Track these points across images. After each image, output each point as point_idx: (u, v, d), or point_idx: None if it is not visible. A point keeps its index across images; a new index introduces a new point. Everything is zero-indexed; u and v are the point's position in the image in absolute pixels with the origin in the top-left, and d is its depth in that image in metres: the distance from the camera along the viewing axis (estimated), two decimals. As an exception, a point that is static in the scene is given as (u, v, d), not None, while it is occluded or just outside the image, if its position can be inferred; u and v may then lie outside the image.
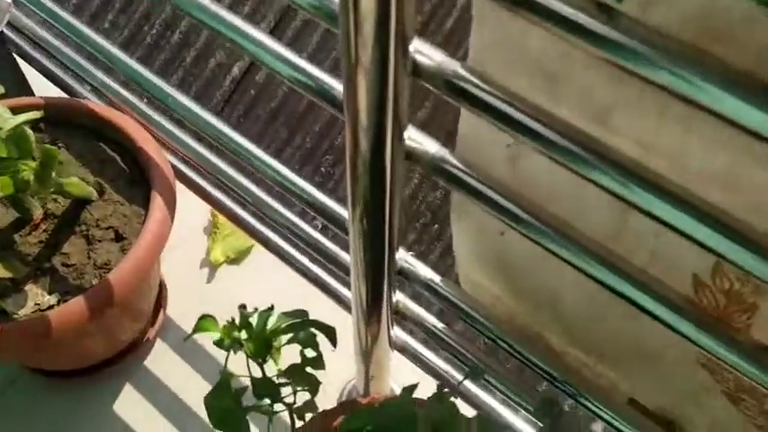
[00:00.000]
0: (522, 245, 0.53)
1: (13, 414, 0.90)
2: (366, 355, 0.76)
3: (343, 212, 0.70)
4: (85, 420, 0.90)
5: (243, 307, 0.58)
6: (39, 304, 0.72)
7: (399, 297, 0.71)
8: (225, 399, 0.54)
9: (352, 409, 0.72)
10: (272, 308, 0.58)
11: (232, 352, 0.60)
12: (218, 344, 0.59)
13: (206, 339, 0.96)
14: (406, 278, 0.65)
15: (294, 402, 0.61)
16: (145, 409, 0.91)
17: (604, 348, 0.55)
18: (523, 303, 0.59)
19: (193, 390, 0.92)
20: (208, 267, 1.02)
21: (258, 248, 1.02)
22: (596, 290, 0.44)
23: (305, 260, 0.87)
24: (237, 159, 0.74)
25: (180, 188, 0.85)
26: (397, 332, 0.77)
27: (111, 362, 0.91)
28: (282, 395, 0.60)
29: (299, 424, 0.61)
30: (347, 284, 0.82)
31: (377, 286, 0.65)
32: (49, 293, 0.73)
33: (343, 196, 0.54)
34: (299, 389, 0.60)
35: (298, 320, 0.57)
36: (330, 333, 0.57)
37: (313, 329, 0.56)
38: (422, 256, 0.73)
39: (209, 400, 0.55)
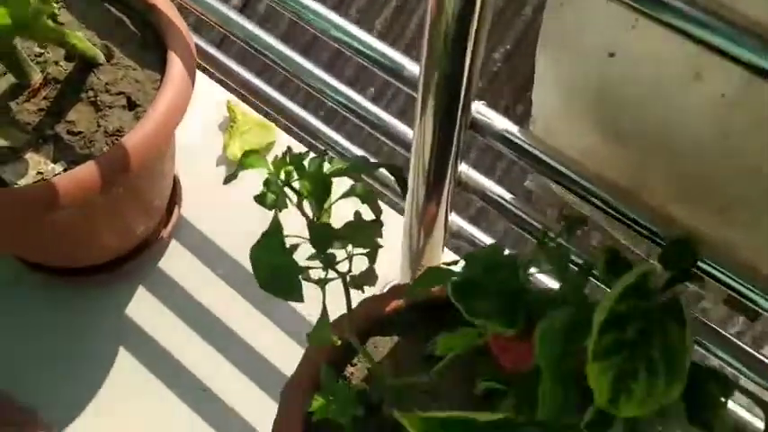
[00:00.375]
0: (637, 68, 0.44)
1: (17, 316, 0.81)
2: (419, 237, 0.66)
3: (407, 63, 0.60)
4: (96, 323, 0.81)
5: (288, 149, 0.48)
6: (42, 173, 0.63)
7: (462, 167, 0.62)
8: (276, 252, 0.45)
9: (405, 294, 0.63)
10: (325, 152, 0.49)
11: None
12: (261, 199, 0.50)
13: (223, 238, 0.87)
14: (478, 132, 0.55)
15: (349, 270, 0.52)
16: (159, 311, 0.82)
17: (730, 196, 0.46)
18: (624, 149, 0.50)
19: (210, 292, 0.83)
20: (225, 165, 0.93)
21: (279, 144, 0.93)
22: (738, 112, 0.35)
23: (344, 143, 0.77)
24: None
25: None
26: (453, 217, 0.68)
27: (123, 261, 0.82)
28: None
29: (354, 296, 0.52)
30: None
31: (444, 144, 0.56)
32: (54, 162, 0.63)
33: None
34: (355, 253, 0.51)
35: (360, 162, 0.48)
36: (398, 173, 0.48)
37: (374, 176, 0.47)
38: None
39: (256, 253, 0.45)
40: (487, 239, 0.69)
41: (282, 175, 0.45)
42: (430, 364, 0.60)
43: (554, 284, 0.64)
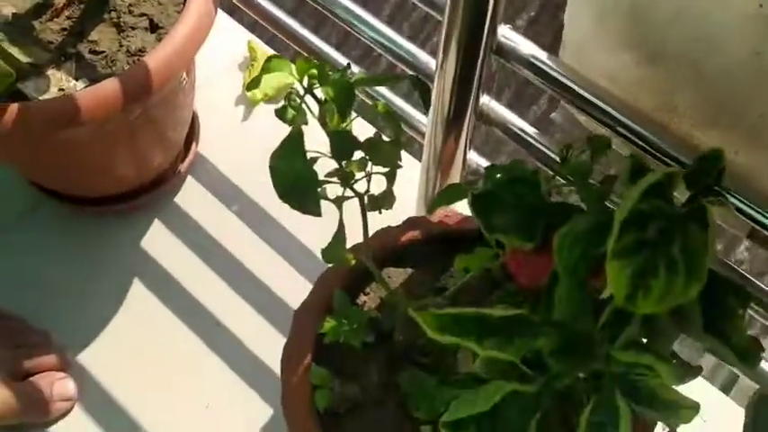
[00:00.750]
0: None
1: (33, 244, 0.81)
2: (437, 172, 0.66)
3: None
4: (111, 254, 0.81)
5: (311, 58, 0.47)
6: (63, 89, 0.63)
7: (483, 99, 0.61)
8: (296, 160, 0.45)
9: (420, 226, 0.63)
10: (348, 65, 0.48)
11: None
12: (281, 114, 0.49)
13: (238, 177, 0.87)
14: (503, 57, 0.55)
15: (367, 190, 0.52)
16: (173, 244, 0.82)
17: (761, 119, 0.45)
18: (654, 72, 0.49)
19: (223, 228, 0.84)
20: (244, 105, 0.92)
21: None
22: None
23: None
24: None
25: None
26: (471, 154, 0.68)
27: (140, 194, 0.82)
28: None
29: (371, 218, 0.52)
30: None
31: (468, 68, 0.55)
32: (76, 79, 0.63)
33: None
34: (374, 172, 0.51)
35: (385, 75, 0.47)
36: (423, 86, 0.47)
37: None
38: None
39: (276, 162, 0.45)
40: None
41: (305, 81, 0.44)
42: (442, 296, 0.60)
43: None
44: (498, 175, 0.42)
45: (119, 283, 0.80)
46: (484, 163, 0.68)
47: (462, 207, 0.74)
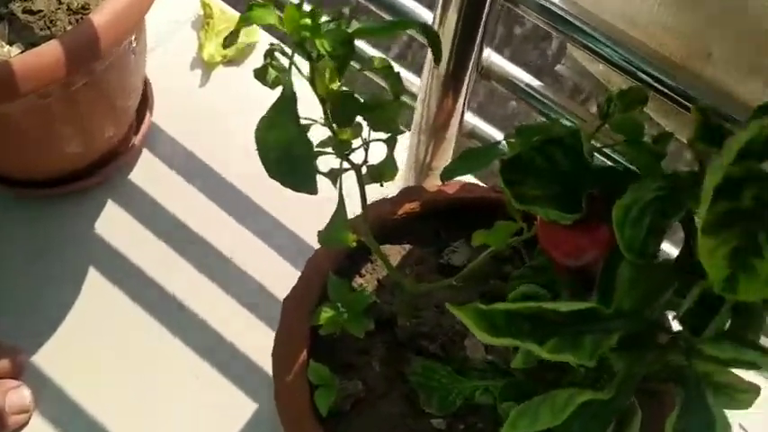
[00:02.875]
0: None
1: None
2: (430, 133, 0.59)
3: None
4: (63, 241, 0.73)
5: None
6: (-6, 55, 0.53)
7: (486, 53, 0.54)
8: (288, 129, 0.38)
9: (417, 196, 0.57)
10: (342, 13, 0.41)
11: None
12: (260, 75, 0.42)
13: (200, 148, 0.79)
14: (510, 1, 0.48)
15: (365, 160, 0.45)
16: (132, 226, 0.74)
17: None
18: (687, 12, 0.43)
19: (186, 205, 0.75)
20: (200, 68, 0.84)
21: (262, 44, 0.84)
22: None
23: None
24: None
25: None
26: (468, 117, 0.61)
27: (91, 172, 0.73)
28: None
29: (369, 190, 0.45)
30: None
31: (470, 21, 0.48)
32: (9, 44, 0.54)
33: None
34: (372, 138, 0.44)
35: (389, 23, 0.40)
36: (432, 34, 0.40)
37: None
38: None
39: (263, 132, 0.38)
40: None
41: (297, 34, 0.37)
42: (445, 274, 0.54)
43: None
44: (532, 137, 0.36)
45: (73, 272, 0.72)
46: (480, 125, 0.62)
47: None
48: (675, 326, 0.34)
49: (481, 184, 0.63)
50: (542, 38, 1.42)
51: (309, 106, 0.41)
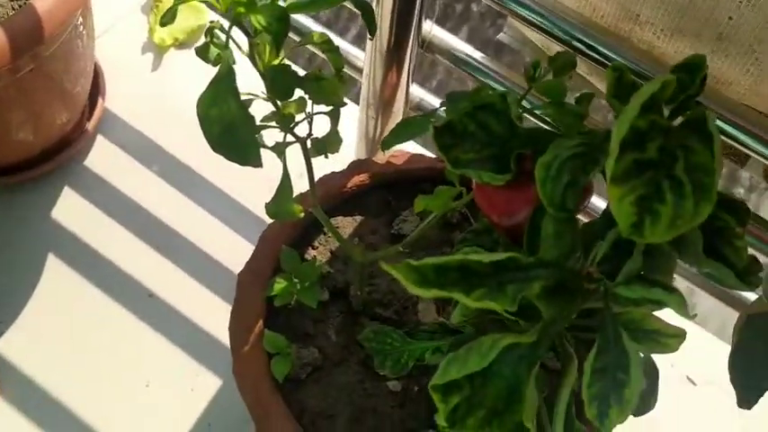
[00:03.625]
0: None
1: None
2: (378, 108, 0.61)
3: None
4: (20, 230, 0.73)
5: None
6: (-64, 43, 0.53)
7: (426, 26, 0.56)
8: (228, 103, 0.39)
9: (366, 168, 0.58)
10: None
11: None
12: (202, 53, 0.42)
13: (156, 132, 0.79)
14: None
15: (310, 133, 0.46)
16: (89, 212, 0.75)
17: (727, 25, 0.42)
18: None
19: (144, 190, 0.76)
20: (152, 52, 0.84)
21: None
22: None
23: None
24: None
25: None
26: (414, 89, 0.62)
27: (44, 160, 0.73)
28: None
29: (316, 164, 0.47)
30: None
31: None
32: (-51, 31, 0.54)
33: None
34: (316, 112, 0.45)
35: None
36: (366, 8, 0.41)
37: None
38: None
39: (204, 106, 0.39)
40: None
41: (231, 11, 0.38)
42: (397, 243, 0.56)
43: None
44: (462, 103, 0.37)
45: (31, 261, 0.72)
46: (427, 97, 0.63)
47: (408, 145, 0.70)
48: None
49: (429, 154, 0.65)
50: (499, 14, 1.44)
51: (253, 82, 0.42)
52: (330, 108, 0.45)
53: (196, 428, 0.66)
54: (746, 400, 0.38)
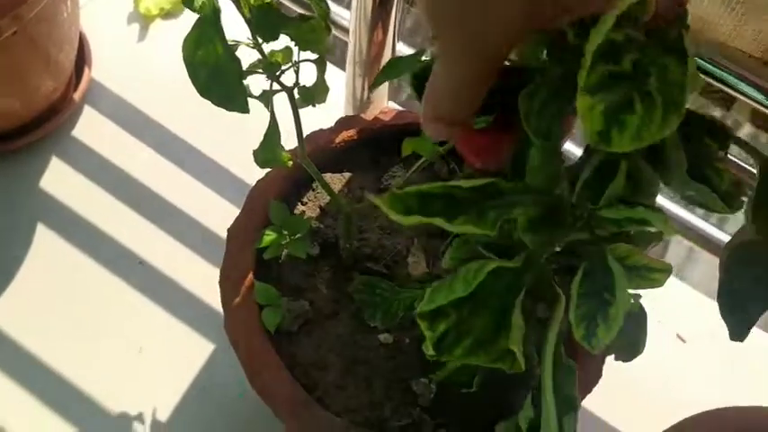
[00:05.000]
0: None
1: None
2: (364, 67, 0.61)
3: None
4: (7, 200, 0.73)
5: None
6: None
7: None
8: (214, 46, 0.39)
9: (354, 125, 0.58)
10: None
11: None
12: (188, 2, 0.42)
13: (144, 102, 0.79)
14: None
15: (297, 82, 0.46)
16: (78, 182, 0.74)
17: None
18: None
19: (133, 159, 0.76)
20: (138, 23, 0.83)
21: (199, -3, 0.83)
22: None
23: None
24: None
25: None
26: (401, 47, 0.62)
27: (31, 129, 0.73)
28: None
29: (303, 113, 0.47)
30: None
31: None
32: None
33: None
34: (301, 60, 0.45)
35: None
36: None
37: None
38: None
39: (190, 52, 0.39)
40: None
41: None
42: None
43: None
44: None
45: (20, 231, 0.72)
46: (413, 54, 0.63)
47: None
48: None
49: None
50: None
51: (241, 33, 0.42)
52: (316, 56, 0.45)
53: (190, 392, 0.66)
54: (738, 333, 0.39)
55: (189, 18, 0.80)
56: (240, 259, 0.52)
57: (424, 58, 0.42)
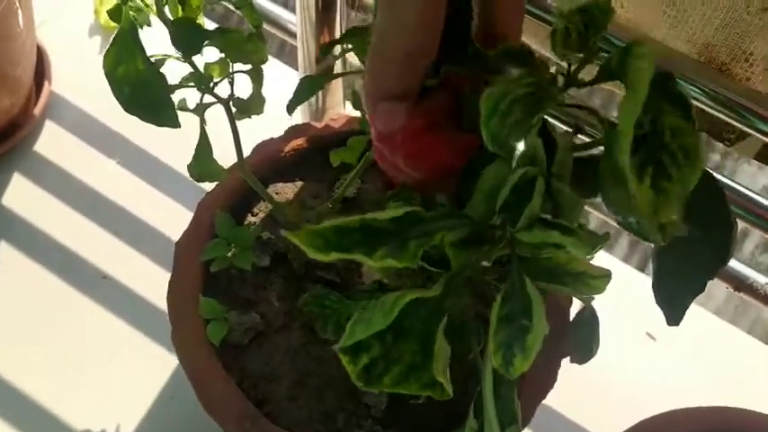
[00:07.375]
0: None
1: None
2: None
3: None
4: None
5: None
6: None
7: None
8: (135, 61, 0.38)
9: (304, 132, 0.57)
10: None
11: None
12: (114, 15, 0.42)
13: (103, 113, 0.78)
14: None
15: (232, 95, 0.46)
16: (41, 198, 0.74)
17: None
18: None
19: (98, 173, 0.75)
20: (99, 35, 0.83)
21: (160, 7, 0.83)
22: None
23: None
24: None
25: None
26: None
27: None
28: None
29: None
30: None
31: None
32: None
33: None
34: (236, 71, 0.44)
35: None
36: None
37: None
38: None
39: (110, 66, 0.38)
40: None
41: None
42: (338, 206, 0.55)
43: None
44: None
45: (-17, 249, 0.71)
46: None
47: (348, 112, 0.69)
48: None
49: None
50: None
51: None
52: (250, 67, 0.45)
53: (158, 401, 0.66)
54: (673, 317, 0.38)
55: (149, 29, 0.79)
56: (188, 273, 0.51)
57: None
